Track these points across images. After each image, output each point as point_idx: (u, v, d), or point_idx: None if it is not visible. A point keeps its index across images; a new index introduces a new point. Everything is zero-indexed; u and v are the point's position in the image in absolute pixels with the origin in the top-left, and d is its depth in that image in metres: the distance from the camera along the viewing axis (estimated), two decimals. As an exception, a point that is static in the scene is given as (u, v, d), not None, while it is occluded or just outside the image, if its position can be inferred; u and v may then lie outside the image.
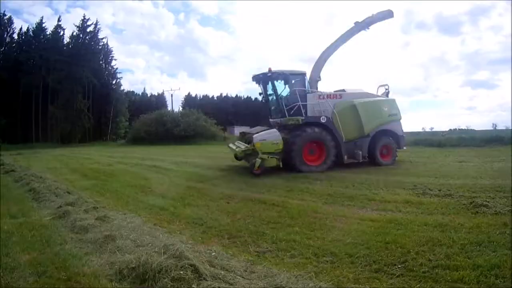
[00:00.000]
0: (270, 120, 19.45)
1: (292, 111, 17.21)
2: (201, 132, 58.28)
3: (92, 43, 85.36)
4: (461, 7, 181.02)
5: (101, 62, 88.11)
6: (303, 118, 16.95)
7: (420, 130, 64.40)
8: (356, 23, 19.76)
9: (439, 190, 10.84)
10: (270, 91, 18.46)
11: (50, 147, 59.37)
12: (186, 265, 5.11)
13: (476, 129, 52.43)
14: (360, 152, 17.39)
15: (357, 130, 17.63)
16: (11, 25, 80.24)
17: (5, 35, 79.15)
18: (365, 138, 17.84)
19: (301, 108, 17.22)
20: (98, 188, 13.71)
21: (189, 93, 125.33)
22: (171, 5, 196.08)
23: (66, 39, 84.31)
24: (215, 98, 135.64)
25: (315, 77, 19.04)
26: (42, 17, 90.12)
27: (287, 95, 17.93)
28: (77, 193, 12.51)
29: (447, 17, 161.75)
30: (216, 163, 21.49)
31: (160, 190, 13.08)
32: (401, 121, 19.21)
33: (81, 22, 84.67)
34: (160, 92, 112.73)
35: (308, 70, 18.58)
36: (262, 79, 17.94)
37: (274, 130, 17.19)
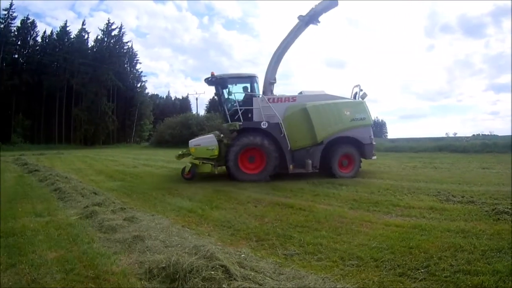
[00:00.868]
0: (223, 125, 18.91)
1: (237, 116, 16.47)
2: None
3: (117, 46, 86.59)
4: (484, 8, 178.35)
5: (125, 65, 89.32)
6: (241, 123, 16.21)
7: (443, 135, 63.64)
8: (300, 17, 17.92)
9: (462, 197, 10.87)
10: (225, 96, 17.46)
11: (73, 148, 60.87)
12: (217, 266, 5.18)
13: (498, 135, 51.74)
14: (310, 162, 15.91)
15: (309, 136, 16.13)
16: (34, 28, 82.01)
17: (29, 38, 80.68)
18: (319, 146, 16.20)
19: (248, 112, 16.63)
20: (124, 190, 13.84)
21: (213, 97, 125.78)
22: (194, 8, 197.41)
23: (91, 43, 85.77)
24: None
25: (269, 80, 17.80)
26: (66, 21, 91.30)
27: (229, 99, 17.40)
28: (104, 194, 12.64)
29: (470, 18, 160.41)
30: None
31: (187, 192, 13.07)
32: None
33: (105, 25, 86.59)
34: (185, 95, 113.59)
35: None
36: (208, 84, 17.13)
37: (211, 135, 17.28)
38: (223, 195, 12.44)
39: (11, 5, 77.82)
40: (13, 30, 78.60)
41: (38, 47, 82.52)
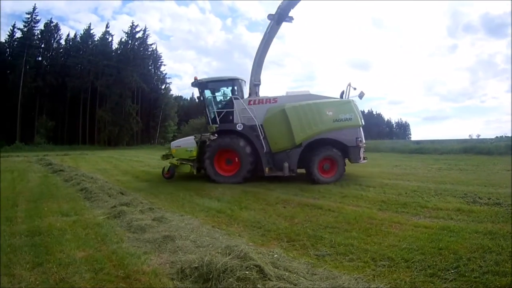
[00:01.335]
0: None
1: (218, 118, 16.69)
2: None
3: (141, 48, 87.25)
4: (507, 7, 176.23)
5: (150, 67, 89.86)
6: (217, 125, 16.50)
7: (467, 137, 62.96)
8: (269, 16, 17.68)
9: (489, 199, 10.71)
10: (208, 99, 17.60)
11: (97, 149, 61.47)
12: (251, 266, 5.18)
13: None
14: (287, 165, 15.48)
15: (288, 138, 15.68)
16: (58, 31, 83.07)
17: (52, 41, 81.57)
18: (298, 149, 15.66)
19: (229, 115, 16.70)
20: (151, 190, 13.93)
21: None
22: (218, 11, 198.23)
23: (115, 45, 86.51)
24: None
25: (254, 82, 17.82)
26: (90, 24, 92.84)
27: (211, 102, 17.40)
28: (131, 194, 12.72)
29: (493, 17, 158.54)
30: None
31: (215, 193, 13.09)
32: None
33: (130, 28, 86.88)
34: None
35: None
36: (193, 86, 17.45)
37: (191, 137, 17.68)
38: (251, 196, 12.43)
39: (34, 8, 79.27)
40: (36, 33, 79.59)
41: (62, 50, 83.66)
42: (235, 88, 17.26)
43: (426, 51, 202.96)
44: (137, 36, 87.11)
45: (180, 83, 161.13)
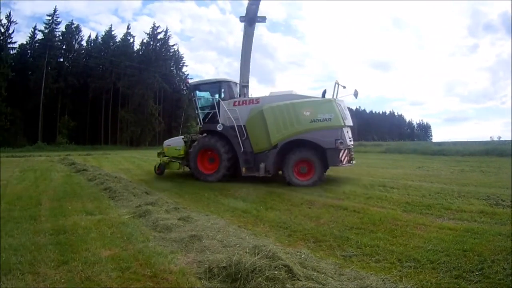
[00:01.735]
0: None
1: (207, 119, 17.55)
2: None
3: (163, 49, 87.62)
4: None
5: (172, 68, 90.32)
6: (201, 126, 17.78)
7: (487, 139, 62.28)
8: (241, 18, 18.47)
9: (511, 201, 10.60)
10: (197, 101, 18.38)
11: (119, 149, 61.98)
12: (280, 266, 5.23)
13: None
14: (263, 165, 15.56)
15: (266, 139, 15.75)
16: (79, 33, 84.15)
17: (74, 42, 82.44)
18: (274, 150, 15.59)
19: (216, 116, 17.10)
20: (176, 190, 14.00)
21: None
22: (238, 11, 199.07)
23: (136, 46, 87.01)
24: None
25: (242, 83, 18.46)
26: (111, 25, 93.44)
27: (202, 104, 18.16)
28: (156, 194, 12.84)
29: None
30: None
31: (239, 193, 13.12)
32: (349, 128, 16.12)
33: (151, 29, 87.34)
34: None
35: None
36: (187, 89, 17.91)
37: (180, 137, 19.40)
38: (276, 196, 12.41)
39: (55, 10, 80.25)
40: (57, 35, 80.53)
41: (83, 51, 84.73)
42: (222, 90, 17.63)
43: (446, 51, 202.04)
44: (158, 37, 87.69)
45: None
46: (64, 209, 10.07)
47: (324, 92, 15.80)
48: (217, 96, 17.48)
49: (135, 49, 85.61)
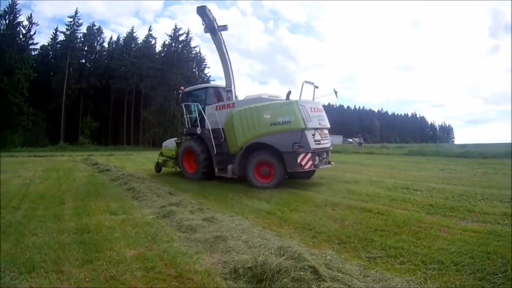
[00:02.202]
0: None
1: (196, 123, 18.35)
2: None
3: (185, 51, 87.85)
4: None
5: (194, 69, 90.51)
6: (186, 129, 19.39)
7: (510, 141, 61.73)
8: (204, 29, 19.05)
9: None
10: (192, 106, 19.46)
11: (141, 149, 62.85)
12: (306, 267, 5.25)
13: None
14: (231, 167, 16.15)
15: (235, 142, 16.31)
16: (100, 34, 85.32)
17: (95, 44, 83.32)
18: (240, 152, 16.07)
19: (203, 120, 17.87)
20: (200, 191, 14.01)
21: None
22: (259, 13, 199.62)
23: (158, 48, 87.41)
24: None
25: (226, 88, 18.84)
26: (133, 27, 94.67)
27: (189, 108, 19.24)
28: (180, 195, 12.86)
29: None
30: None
31: (263, 195, 13.05)
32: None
33: (173, 31, 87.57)
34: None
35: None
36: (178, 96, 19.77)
37: (173, 139, 21.36)
38: (299, 198, 12.40)
39: (76, 12, 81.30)
40: (79, 36, 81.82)
41: (105, 52, 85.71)
42: (208, 95, 18.67)
43: (467, 52, 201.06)
44: (180, 38, 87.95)
45: (224, 85, 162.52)
46: (87, 209, 10.16)
47: (289, 93, 15.52)
48: (204, 101, 18.44)
49: (157, 50, 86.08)
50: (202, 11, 17.93)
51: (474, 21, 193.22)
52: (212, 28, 18.35)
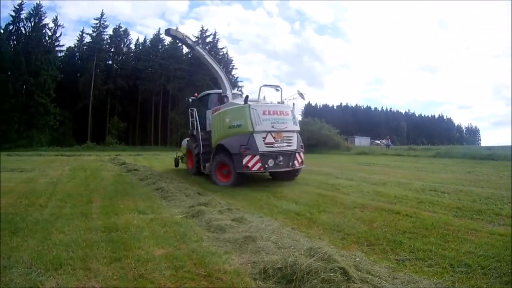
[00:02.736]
0: None
1: (201, 126, 19.27)
2: (325, 141, 57.80)
3: (212, 52, 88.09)
4: None
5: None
6: (190, 131, 20.67)
7: None
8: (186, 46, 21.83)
9: None
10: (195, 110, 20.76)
11: (168, 150, 62.86)
12: (336, 268, 5.24)
13: None
14: (208, 165, 17.54)
15: (212, 143, 17.75)
16: (127, 36, 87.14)
17: (122, 46, 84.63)
18: (213, 152, 17.45)
19: (197, 123, 19.29)
20: (228, 191, 14.04)
21: (309, 102, 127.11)
22: (285, 14, 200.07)
23: (185, 49, 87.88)
24: (335, 108, 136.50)
25: (222, 94, 19.23)
26: (159, 29, 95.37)
27: (195, 113, 20.25)
28: (208, 195, 12.93)
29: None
30: (343, 172, 21.31)
31: (291, 196, 13.02)
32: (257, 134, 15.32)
33: (199, 32, 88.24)
34: (280, 100, 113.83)
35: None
36: (189, 101, 21.51)
37: (187, 138, 22.36)
38: (328, 199, 12.31)
39: (102, 14, 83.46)
40: (105, 38, 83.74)
41: (132, 54, 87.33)
42: (209, 100, 19.89)
43: (492, 53, 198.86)
44: (207, 40, 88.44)
45: (251, 86, 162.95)
46: (115, 208, 10.23)
47: (246, 97, 16.09)
48: (207, 106, 19.85)
49: (184, 52, 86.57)
50: (168, 33, 19.42)
51: (499, 21, 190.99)
52: (187, 45, 20.26)
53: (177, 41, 22.67)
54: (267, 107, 15.89)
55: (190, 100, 21.33)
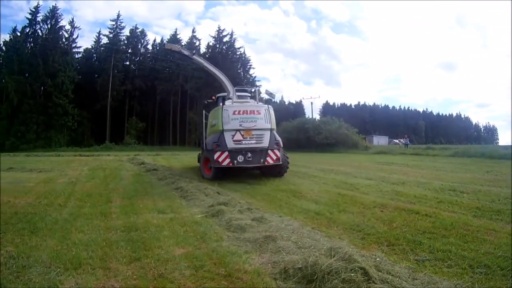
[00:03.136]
0: None
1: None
2: (343, 140, 57.87)
3: (229, 52, 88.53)
4: None
5: (239, 70, 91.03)
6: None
7: None
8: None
9: None
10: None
11: (187, 150, 63.11)
12: (356, 268, 5.19)
13: None
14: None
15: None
16: (144, 37, 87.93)
17: (139, 46, 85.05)
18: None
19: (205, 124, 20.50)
20: (248, 191, 14.14)
21: (327, 101, 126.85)
22: (301, 13, 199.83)
23: (202, 49, 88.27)
24: (353, 107, 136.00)
25: (227, 96, 20.02)
26: (176, 29, 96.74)
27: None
28: (228, 194, 12.99)
29: None
30: (361, 172, 21.26)
31: (311, 195, 12.98)
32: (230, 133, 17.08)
33: (216, 32, 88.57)
34: (298, 100, 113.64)
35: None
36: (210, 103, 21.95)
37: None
38: (347, 199, 12.28)
39: (118, 15, 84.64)
40: (122, 39, 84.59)
41: (149, 55, 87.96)
42: (220, 102, 20.08)
43: (510, 50, 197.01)
44: (224, 40, 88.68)
45: (269, 85, 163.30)
46: (135, 207, 10.30)
47: (218, 98, 19.82)
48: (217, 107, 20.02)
49: (201, 52, 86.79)
50: (164, 49, 20.51)
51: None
52: (184, 56, 22.14)
53: (176, 54, 23.29)
54: (238, 107, 17.64)
55: (206, 102, 22.27)
